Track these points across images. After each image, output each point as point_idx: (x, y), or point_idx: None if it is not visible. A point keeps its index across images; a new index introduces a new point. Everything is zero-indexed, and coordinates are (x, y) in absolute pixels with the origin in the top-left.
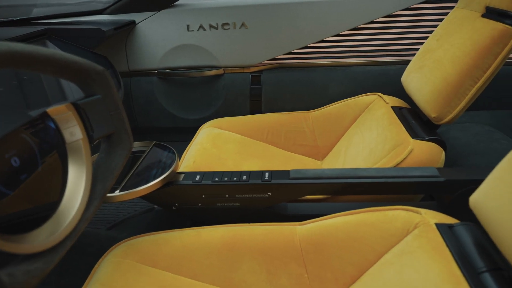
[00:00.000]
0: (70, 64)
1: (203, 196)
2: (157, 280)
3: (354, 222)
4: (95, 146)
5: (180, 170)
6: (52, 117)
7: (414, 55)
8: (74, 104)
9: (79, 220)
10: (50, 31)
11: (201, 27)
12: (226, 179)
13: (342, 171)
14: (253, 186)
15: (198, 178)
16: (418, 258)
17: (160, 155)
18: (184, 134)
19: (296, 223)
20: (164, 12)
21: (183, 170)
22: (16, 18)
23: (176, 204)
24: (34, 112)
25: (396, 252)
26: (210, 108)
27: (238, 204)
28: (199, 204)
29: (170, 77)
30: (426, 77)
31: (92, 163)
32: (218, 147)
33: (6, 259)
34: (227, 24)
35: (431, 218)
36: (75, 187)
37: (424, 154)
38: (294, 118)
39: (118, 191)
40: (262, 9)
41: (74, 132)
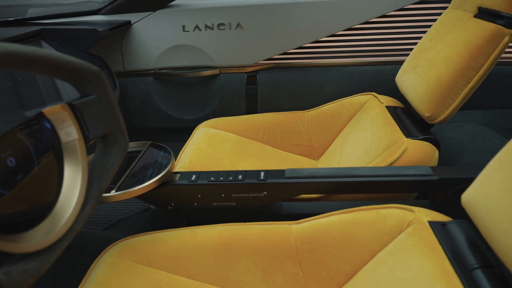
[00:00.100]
0: (65, 65)
1: (199, 195)
2: (153, 279)
3: (349, 221)
4: (90, 146)
5: (176, 170)
6: (48, 117)
7: (408, 55)
8: (69, 104)
9: (75, 220)
10: (45, 31)
11: (196, 27)
12: (221, 178)
13: (337, 170)
14: (248, 185)
15: (194, 178)
16: (411, 256)
17: (156, 155)
18: (180, 134)
19: (292, 222)
20: (160, 12)
21: (179, 170)
22: (11, 19)
23: (172, 204)
24: (29, 113)
25: (389, 250)
26: (206, 108)
27: (234, 203)
28: (195, 204)
29: (166, 77)
30: (420, 77)
31: (88, 163)
32: (214, 147)
33: (2, 258)
34: (222, 24)
35: (424, 216)
36: (71, 187)
37: (418, 153)
38: (290, 118)
39: (114, 191)
40: (258, 9)
41: (70, 132)
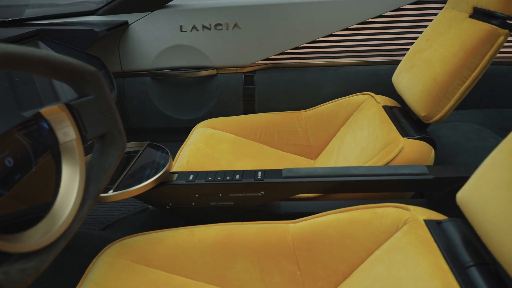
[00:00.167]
0: (63, 65)
1: (197, 195)
2: (151, 279)
3: (345, 220)
4: (88, 147)
5: (174, 170)
6: (46, 117)
7: (404, 55)
8: (67, 104)
9: (73, 220)
10: (43, 32)
11: (194, 27)
12: (219, 178)
13: (334, 170)
14: (246, 185)
15: (191, 177)
16: (407, 254)
17: (153, 155)
18: (177, 135)
19: (289, 221)
20: (157, 12)
21: (177, 170)
22: (8, 19)
23: (170, 204)
24: (27, 113)
25: (385, 248)
26: (203, 108)
27: (232, 203)
28: (193, 204)
29: (164, 77)
30: (416, 76)
31: (86, 163)
32: (211, 147)
33: (1, 258)
34: (220, 24)
35: (420, 214)
36: (68, 187)
37: (414, 153)
38: (287, 118)
39: (112, 191)
40: (255, 9)
41: (68, 133)
